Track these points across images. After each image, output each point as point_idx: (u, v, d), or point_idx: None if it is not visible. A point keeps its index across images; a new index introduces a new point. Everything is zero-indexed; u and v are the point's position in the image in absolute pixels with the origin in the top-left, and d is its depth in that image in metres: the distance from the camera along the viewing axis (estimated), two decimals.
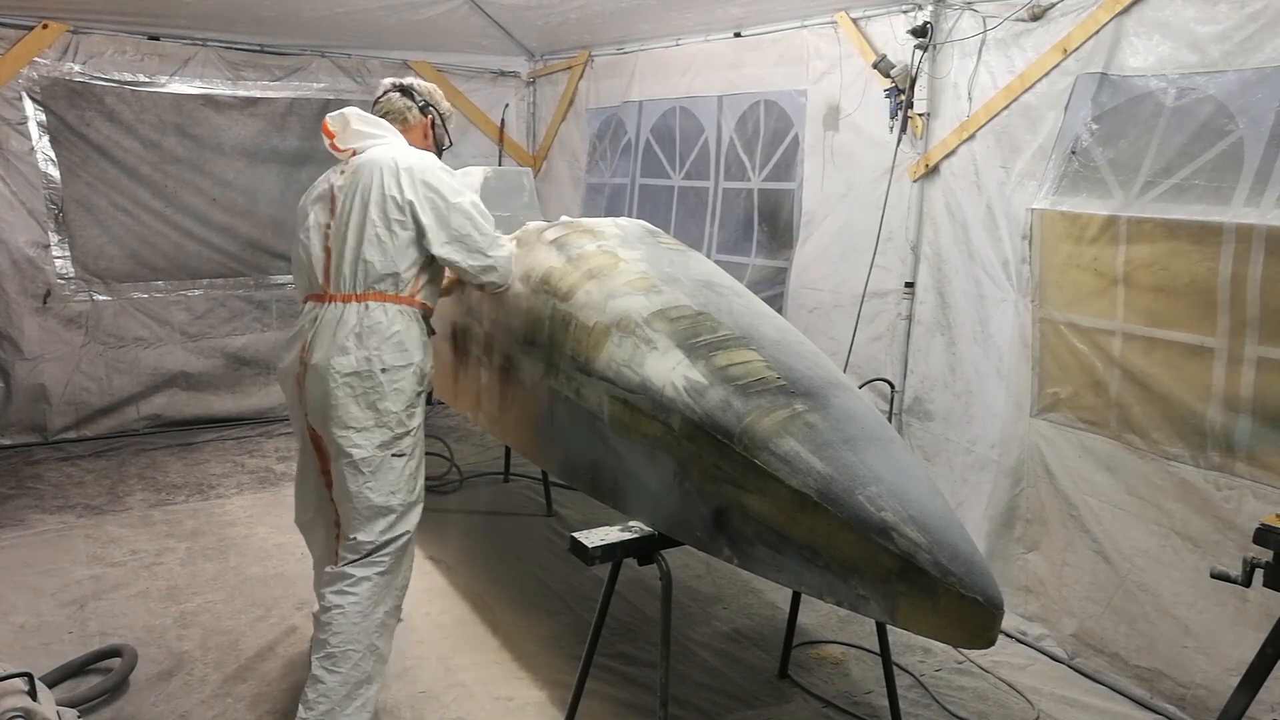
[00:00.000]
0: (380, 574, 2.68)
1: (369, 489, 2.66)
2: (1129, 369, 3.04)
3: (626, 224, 3.09)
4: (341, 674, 2.60)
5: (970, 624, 1.81)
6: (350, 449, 2.64)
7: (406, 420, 2.71)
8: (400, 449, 2.70)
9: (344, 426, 2.63)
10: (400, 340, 2.68)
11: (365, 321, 2.64)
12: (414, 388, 2.72)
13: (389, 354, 2.66)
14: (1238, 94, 2.76)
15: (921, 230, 3.93)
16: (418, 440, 2.77)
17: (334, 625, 2.62)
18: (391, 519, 2.70)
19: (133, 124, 5.35)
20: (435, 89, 3.14)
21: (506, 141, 6.59)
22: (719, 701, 3.05)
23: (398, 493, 2.70)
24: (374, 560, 2.68)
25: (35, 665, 2.78)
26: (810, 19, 4.36)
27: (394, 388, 2.66)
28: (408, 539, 2.75)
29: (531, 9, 5.37)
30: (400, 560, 2.75)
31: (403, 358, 2.68)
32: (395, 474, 2.69)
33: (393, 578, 2.73)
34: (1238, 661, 2.67)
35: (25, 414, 5.25)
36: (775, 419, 2.09)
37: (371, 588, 2.66)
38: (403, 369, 2.68)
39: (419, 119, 3.04)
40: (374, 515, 2.67)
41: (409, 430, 2.72)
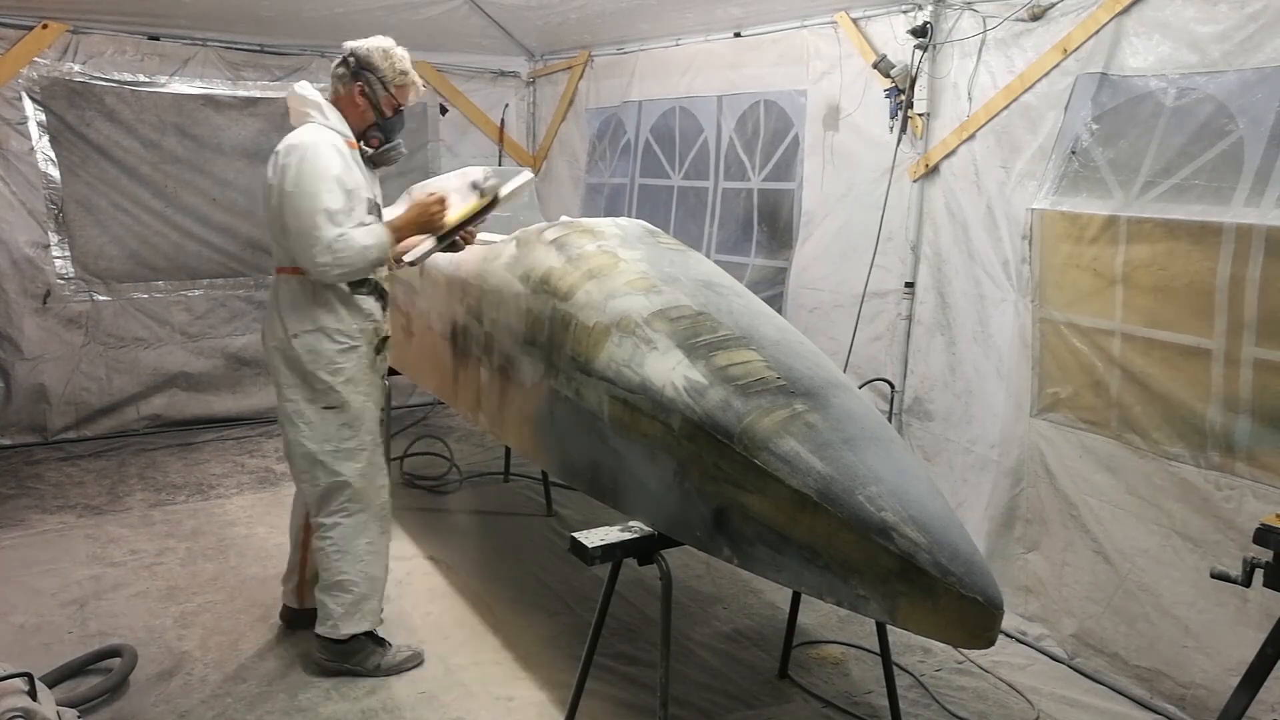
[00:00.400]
0: (346, 516, 3.01)
1: (302, 438, 2.95)
2: (1129, 369, 3.04)
3: (626, 224, 3.09)
4: (339, 598, 3.04)
5: (970, 624, 1.81)
6: (284, 403, 2.95)
7: (328, 376, 2.91)
8: (329, 402, 2.93)
9: (278, 384, 2.95)
10: (304, 308, 2.90)
11: (278, 292, 2.94)
12: (330, 346, 2.91)
13: (294, 320, 2.90)
14: (1238, 94, 2.76)
15: (921, 230, 3.93)
16: (348, 394, 2.95)
17: (323, 563, 3.05)
18: (327, 466, 2.96)
19: (133, 124, 5.34)
20: (381, 49, 3.01)
21: (506, 141, 6.59)
22: (719, 701, 3.05)
23: (329, 440, 2.95)
24: (332, 508, 3.00)
25: (35, 665, 2.78)
26: (810, 19, 4.35)
27: (307, 350, 2.90)
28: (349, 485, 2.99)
29: (531, 9, 5.37)
30: (361, 499, 3.01)
31: (309, 322, 2.90)
32: (326, 424, 2.94)
33: (362, 515, 3.03)
34: (1238, 661, 2.67)
35: (25, 414, 5.26)
36: (775, 419, 2.09)
37: (341, 530, 3.01)
38: (310, 332, 2.90)
39: (350, 87, 2.97)
40: (311, 463, 2.96)
41: (330, 385, 2.92)
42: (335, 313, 2.93)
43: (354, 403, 2.96)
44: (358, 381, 2.98)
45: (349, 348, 2.95)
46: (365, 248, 2.83)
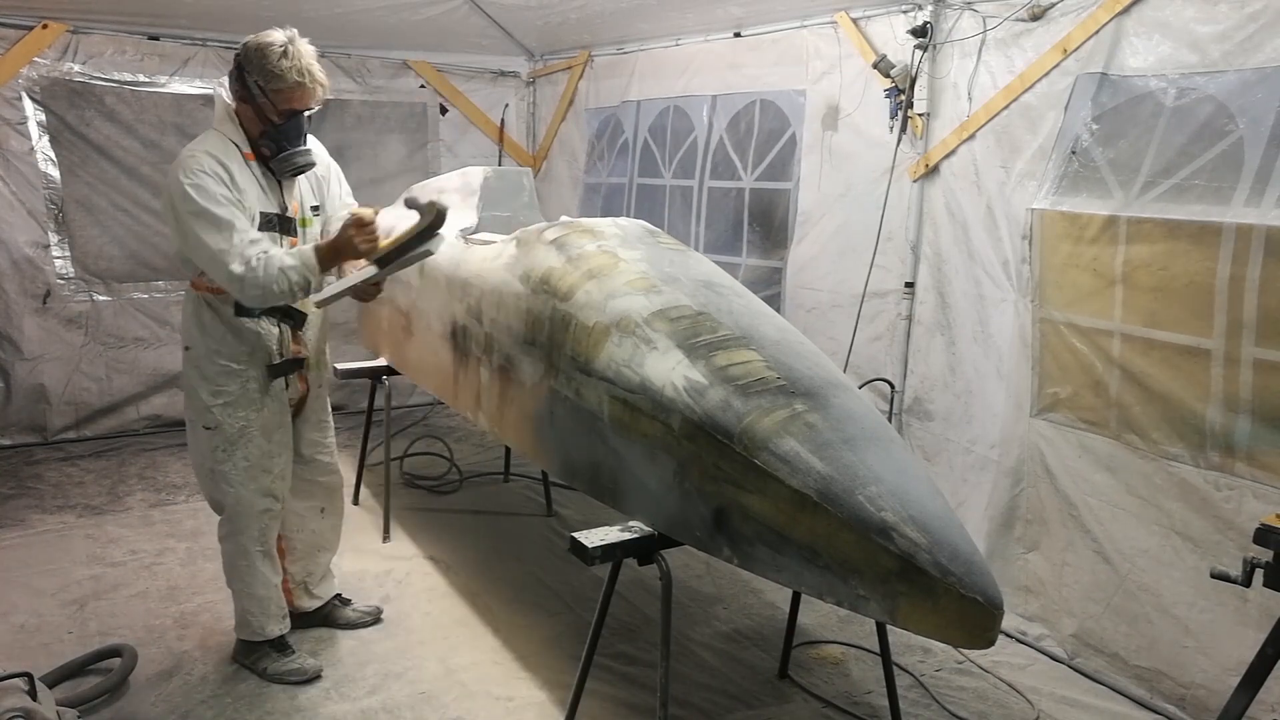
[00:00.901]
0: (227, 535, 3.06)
1: (192, 449, 3.00)
2: (1128, 369, 3.05)
3: (626, 224, 3.09)
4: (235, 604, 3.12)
5: (970, 624, 1.81)
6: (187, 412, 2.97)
7: (208, 397, 2.87)
8: (206, 421, 2.89)
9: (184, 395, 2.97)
10: (195, 323, 2.87)
11: (185, 305, 2.93)
12: (212, 366, 2.86)
13: (185, 335, 2.91)
14: (1238, 94, 2.76)
15: (921, 230, 3.93)
16: (225, 417, 2.88)
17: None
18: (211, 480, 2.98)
19: (133, 124, 5.34)
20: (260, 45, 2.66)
21: (506, 141, 6.59)
22: (719, 701, 3.05)
23: (206, 460, 2.94)
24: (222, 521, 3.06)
25: (35, 665, 2.78)
26: (810, 19, 4.35)
27: (190, 364, 2.89)
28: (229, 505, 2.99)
29: (531, 9, 5.37)
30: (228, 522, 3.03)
31: (197, 339, 2.86)
32: (203, 444, 2.92)
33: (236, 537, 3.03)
34: (1238, 661, 2.67)
35: (25, 414, 5.26)
36: (775, 419, 2.09)
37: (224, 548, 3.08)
38: (198, 349, 2.87)
39: (235, 89, 2.71)
40: (200, 472, 3.02)
41: (209, 406, 2.87)
42: (217, 335, 2.85)
43: (229, 427, 2.87)
44: (237, 405, 2.88)
45: (233, 371, 2.87)
46: (285, 268, 2.60)
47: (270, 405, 2.98)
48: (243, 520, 3.01)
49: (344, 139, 5.96)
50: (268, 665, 3.10)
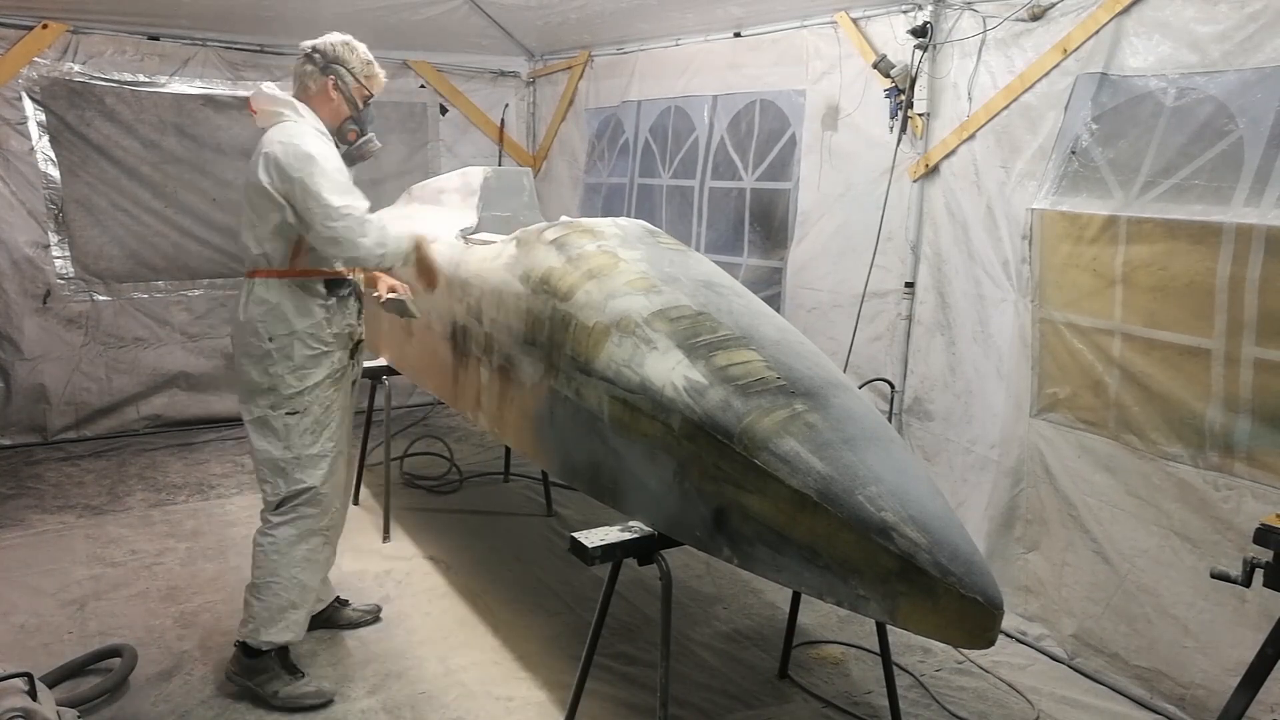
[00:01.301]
0: (293, 520, 2.95)
1: (268, 443, 2.90)
2: (1128, 369, 3.05)
3: (626, 224, 3.09)
4: (265, 601, 2.94)
5: (970, 624, 1.81)
6: (252, 408, 2.91)
7: (295, 382, 2.88)
8: (293, 408, 2.89)
9: (246, 390, 2.91)
10: (277, 312, 2.85)
11: (251, 296, 2.87)
12: (302, 351, 2.88)
13: (270, 324, 2.85)
14: (1238, 94, 2.76)
15: (921, 230, 3.93)
16: (313, 400, 2.92)
17: (256, 561, 2.97)
18: (289, 473, 2.92)
19: (133, 124, 5.35)
20: (346, 43, 3.04)
21: (506, 141, 6.59)
22: (719, 701, 3.05)
23: (293, 447, 2.90)
24: (284, 510, 2.95)
25: (35, 665, 2.78)
26: (810, 19, 4.35)
27: (281, 354, 2.86)
28: (311, 492, 2.95)
29: (531, 9, 5.37)
30: (316, 506, 2.97)
31: (283, 326, 2.86)
32: (290, 431, 2.90)
33: (311, 523, 2.97)
34: (1237, 661, 2.67)
35: (25, 414, 5.26)
36: (775, 419, 2.09)
37: (288, 531, 2.95)
38: (285, 336, 2.86)
39: (321, 82, 2.97)
40: (275, 469, 2.92)
41: (299, 390, 2.89)
42: (312, 316, 2.90)
43: (317, 407, 2.93)
44: (324, 386, 2.95)
45: (321, 353, 2.92)
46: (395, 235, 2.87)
47: (345, 387, 3.07)
48: (324, 503, 2.99)
49: None
50: (279, 688, 2.95)
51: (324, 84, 2.97)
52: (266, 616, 2.95)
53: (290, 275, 2.88)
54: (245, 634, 2.96)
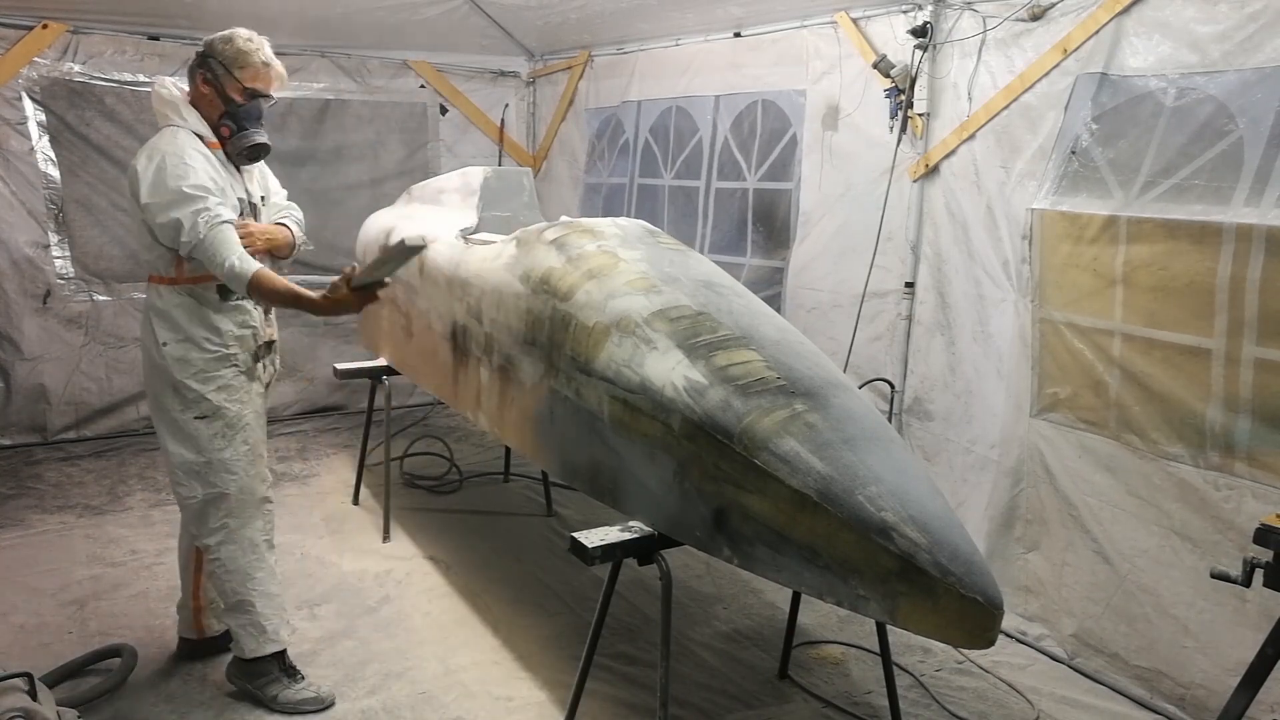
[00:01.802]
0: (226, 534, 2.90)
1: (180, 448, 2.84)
2: (1128, 369, 3.05)
3: (626, 224, 3.09)
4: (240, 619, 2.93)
5: (970, 624, 1.81)
6: (159, 414, 2.86)
7: (197, 385, 2.81)
8: (200, 411, 2.83)
9: (152, 395, 2.87)
10: (172, 318, 2.80)
11: (148, 303, 2.84)
12: (200, 355, 2.82)
13: (163, 329, 2.80)
14: (1238, 94, 2.76)
15: (921, 230, 3.93)
16: (222, 403, 2.85)
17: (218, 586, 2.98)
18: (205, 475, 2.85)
19: (133, 124, 5.34)
20: (224, 35, 2.96)
21: (506, 141, 6.59)
22: (719, 701, 3.05)
23: (204, 451, 2.84)
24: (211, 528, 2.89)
25: (35, 665, 2.78)
26: (810, 19, 4.35)
27: (175, 358, 2.80)
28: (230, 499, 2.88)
29: (531, 9, 5.37)
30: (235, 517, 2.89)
31: (177, 333, 2.80)
32: (201, 435, 2.83)
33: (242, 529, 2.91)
34: (1237, 661, 2.67)
35: (25, 414, 5.25)
36: (775, 419, 2.09)
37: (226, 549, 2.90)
38: (180, 342, 2.80)
39: (195, 78, 2.92)
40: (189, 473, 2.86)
41: (201, 394, 2.82)
42: (205, 320, 2.83)
43: (228, 411, 2.86)
44: (232, 389, 2.87)
45: (221, 355, 2.85)
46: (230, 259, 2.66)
47: (256, 389, 2.98)
48: (249, 511, 2.93)
49: (344, 139, 5.95)
50: (279, 692, 2.93)
51: (197, 79, 2.91)
52: (245, 634, 2.94)
53: (180, 282, 2.81)
54: (236, 651, 2.97)
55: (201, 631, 3.19)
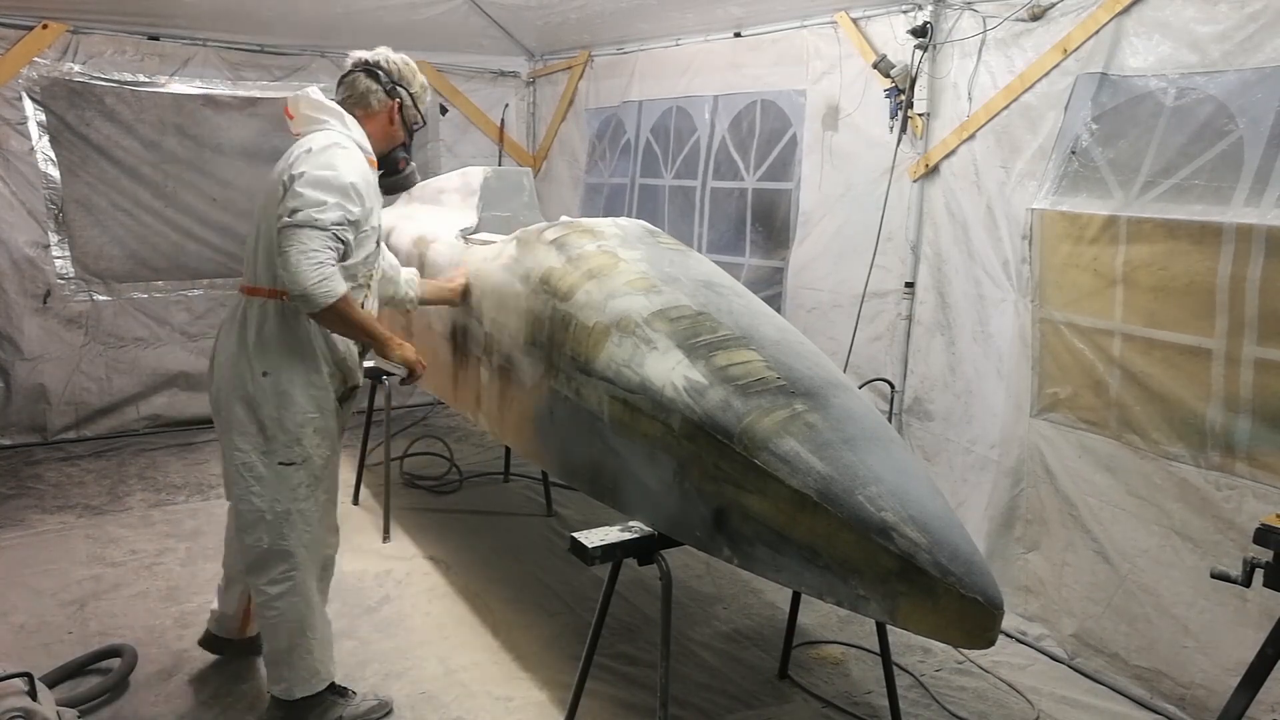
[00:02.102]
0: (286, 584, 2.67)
1: (252, 494, 2.60)
2: (1129, 369, 3.04)
3: (626, 224, 3.09)
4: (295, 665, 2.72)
5: (970, 624, 1.81)
6: (230, 453, 2.60)
7: (292, 427, 2.57)
8: (288, 458, 2.58)
9: (226, 430, 2.60)
10: (280, 341, 2.57)
11: (249, 317, 2.57)
12: (304, 392, 2.59)
13: (265, 357, 2.55)
14: (1238, 94, 2.76)
15: (921, 230, 3.93)
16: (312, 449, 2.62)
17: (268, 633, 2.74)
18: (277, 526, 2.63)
19: (133, 124, 5.34)
20: (406, 63, 2.84)
21: (506, 141, 6.59)
22: (719, 701, 3.05)
23: (282, 500, 2.61)
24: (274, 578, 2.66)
25: (35, 665, 2.78)
26: (810, 19, 4.35)
27: (277, 391, 2.55)
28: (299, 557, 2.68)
29: (531, 9, 5.37)
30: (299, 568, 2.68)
31: (284, 362, 2.57)
32: (282, 482, 2.60)
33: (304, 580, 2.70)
34: (1238, 661, 2.67)
35: (25, 414, 5.25)
36: (775, 419, 2.09)
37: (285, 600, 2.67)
38: (283, 373, 2.56)
39: (384, 103, 2.76)
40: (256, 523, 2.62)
41: (297, 438, 2.58)
42: (314, 352, 2.60)
43: (316, 460, 2.63)
44: (324, 434, 2.64)
45: (323, 393, 2.62)
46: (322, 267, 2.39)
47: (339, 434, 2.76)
48: (311, 563, 2.71)
49: None
50: (342, 713, 2.78)
51: (388, 106, 2.76)
52: (303, 676, 2.72)
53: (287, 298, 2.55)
54: (279, 691, 2.73)
55: (244, 631, 3.13)
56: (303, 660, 2.72)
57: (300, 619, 2.70)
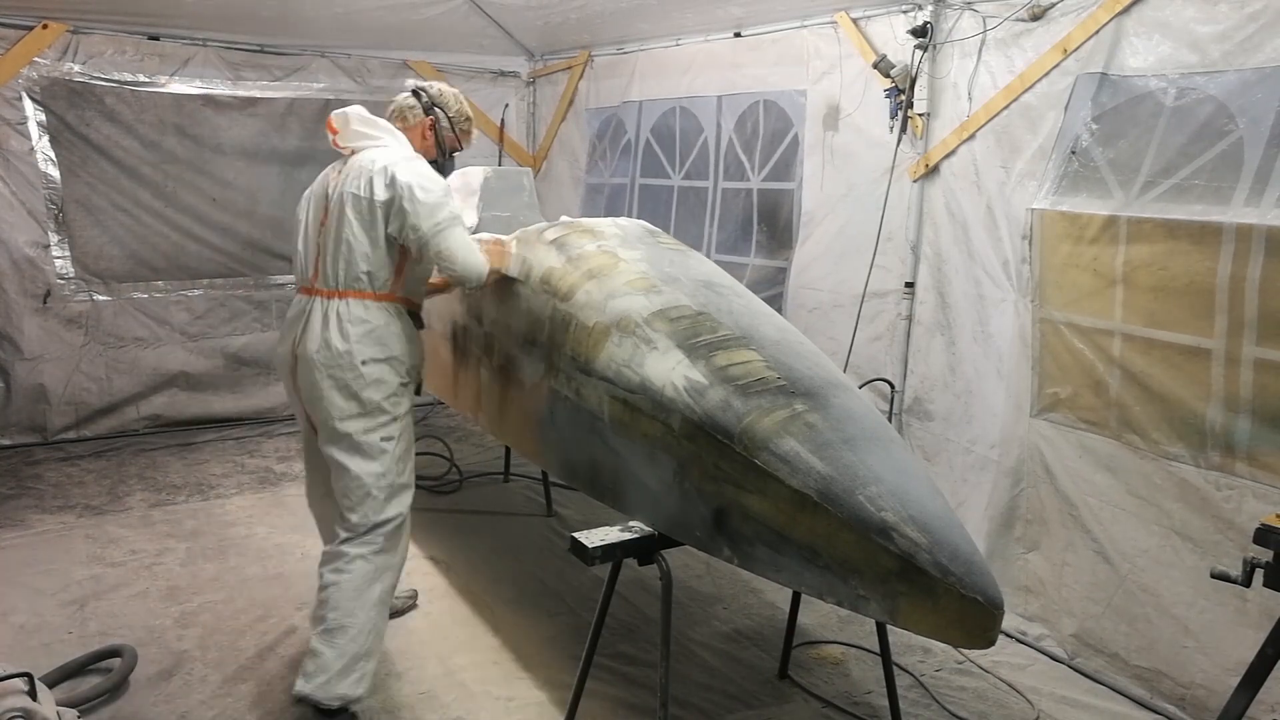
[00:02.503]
0: (375, 553, 2.81)
1: (361, 471, 2.79)
2: (1129, 369, 3.04)
3: (626, 224, 3.09)
4: (339, 646, 2.74)
5: (970, 624, 1.81)
6: (341, 435, 2.79)
7: (390, 408, 2.82)
8: (387, 434, 2.82)
9: (332, 415, 2.78)
10: (379, 335, 2.79)
11: (346, 317, 2.77)
12: (395, 379, 2.83)
13: (368, 347, 2.77)
14: (1238, 94, 2.76)
15: (921, 230, 3.93)
16: (405, 426, 2.89)
17: (331, 601, 2.77)
18: (378, 500, 2.81)
19: (133, 124, 5.34)
20: (451, 93, 3.14)
21: (506, 141, 6.59)
22: (719, 701, 3.05)
23: (386, 475, 2.82)
24: (367, 540, 2.81)
25: (35, 665, 2.78)
26: (810, 19, 4.36)
27: (374, 378, 2.78)
28: (400, 520, 2.88)
29: (531, 9, 5.37)
30: (394, 541, 2.87)
31: (381, 351, 2.80)
32: (385, 457, 2.82)
33: (388, 557, 2.86)
34: (1238, 661, 2.67)
35: (25, 414, 5.25)
36: (775, 419, 2.09)
37: (365, 566, 2.80)
38: (380, 362, 2.79)
39: (419, 119, 3.04)
40: (363, 496, 2.80)
41: (394, 417, 2.84)
42: (405, 344, 2.86)
43: (407, 435, 2.90)
44: (409, 415, 2.92)
45: (407, 381, 2.89)
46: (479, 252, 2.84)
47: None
48: (405, 539, 2.93)
49: None
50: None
51: (423, 122, 3.05)
52: (341, 666, 2.72)
53: (391, 300, 2.84)
54: (313, 688, 2.71)
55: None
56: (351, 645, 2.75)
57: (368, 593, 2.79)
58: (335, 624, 2.75)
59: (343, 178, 2.82)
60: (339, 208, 2.78)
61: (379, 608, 2.84)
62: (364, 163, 2.80)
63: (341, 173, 2.85)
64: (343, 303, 2.78)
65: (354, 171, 2.80)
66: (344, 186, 2.79)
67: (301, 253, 2.90)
